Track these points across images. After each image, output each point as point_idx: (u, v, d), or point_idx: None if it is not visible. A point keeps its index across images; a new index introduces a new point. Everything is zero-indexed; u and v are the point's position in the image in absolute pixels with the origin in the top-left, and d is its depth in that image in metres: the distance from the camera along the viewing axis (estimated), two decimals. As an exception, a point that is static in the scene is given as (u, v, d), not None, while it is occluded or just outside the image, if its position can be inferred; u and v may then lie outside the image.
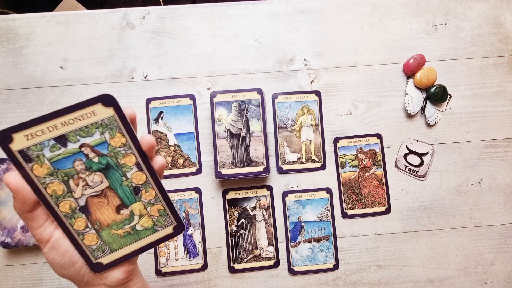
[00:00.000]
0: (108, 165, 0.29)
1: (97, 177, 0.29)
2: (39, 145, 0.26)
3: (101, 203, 0.29)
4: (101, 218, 0.29)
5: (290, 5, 0.56)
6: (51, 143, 0.27)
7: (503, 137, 0.56)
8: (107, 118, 0.27)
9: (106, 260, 0.30)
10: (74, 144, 0.27)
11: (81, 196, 0.28)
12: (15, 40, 0.53)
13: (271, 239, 0.53)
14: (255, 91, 0.51)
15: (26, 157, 0.26)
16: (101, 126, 0.28)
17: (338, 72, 0.56)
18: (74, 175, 0.28)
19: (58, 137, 0.27)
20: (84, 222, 0.29)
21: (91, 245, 0.29)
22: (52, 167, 0.27)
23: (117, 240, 0.30)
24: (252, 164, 0.51)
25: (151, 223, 0.31)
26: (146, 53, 0.54)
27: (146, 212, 0.30)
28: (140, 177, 0.30)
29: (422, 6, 0.56)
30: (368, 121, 0.55)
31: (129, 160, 0.29)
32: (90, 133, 0.27)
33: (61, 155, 0.27)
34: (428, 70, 0.54)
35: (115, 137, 0.28)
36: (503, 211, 0.55)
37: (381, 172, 0.55)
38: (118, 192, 0.29)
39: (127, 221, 0.30)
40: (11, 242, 0.47)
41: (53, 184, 0.27)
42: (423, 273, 0.54)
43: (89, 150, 0.28)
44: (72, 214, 0.28)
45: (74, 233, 0.29)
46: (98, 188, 0.29)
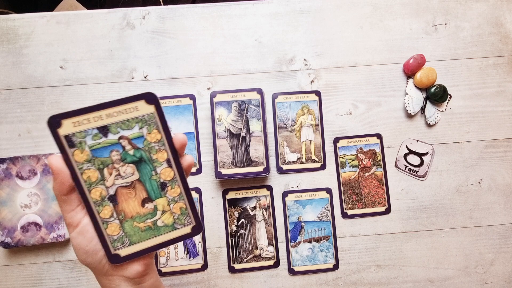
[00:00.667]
0: (141, 159, 0.30)
1: (129, 169, 0.30)
2: (83, 132, 0.28)
3: (129, 194, 0.30)
4: (127, 209, 0.30)
5: (290, 5, 0.56)
6: (94, 132, 0.28)
7: (503, 137, 0.56)
8: (148, 115, 0.29)
9: (124, 253, 0.30)
10: (114, 135, 0.29)
11: (112, 186, 0.30)
12: (15, 40, 0.53)
13: (271, 239, 0.53)
14: (255, 91, 0.51)
15: (70, 142, 0.28)
16: (140, 121, 0.29)
17: (338, 72, 0.56)
18: (109, 165, 0.29)
19: (101, 127, 0.28)
20: (110, 211, 0.30)
21: (113, 235, 0.30)
22: (91, 155, 0.28)
23: (138, 233, 0.31)
24: (252, 164, 0.51)
25: (171, 220, 0.32)
26: (146, 53, 0.54)
27: (169, 208, 0.31)
28: (169, 174, 0.31)
29: (422, 6, 0.56)
30: (368, 121, 0.55)
31: (161, 156, 0.30)
32: (130, 127, 0.29)
33: (101, 144, 0.29)
34: (428, 70, 0.54)
35: (151, 133, 0.30)
36: (503, 211, 0.55)
37: (381, 172, 0.55)
38: (146, 186, 0.30)
39: (149, 215, 0.31)
40: (11, 242, 0.47)
41: (89, 170, 0.29)
42: (423, 273, 0.54)
43: (127, 142, 0.29)
44: (101, 201, 0.29)
45: (100, 221, 0.29)
46: (128, 180, 0.30)
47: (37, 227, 0.48)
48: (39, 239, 0.48)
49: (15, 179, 0.48)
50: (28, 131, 0.52)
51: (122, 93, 0.54)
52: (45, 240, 0.48)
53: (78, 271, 0.51)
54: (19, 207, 0.48)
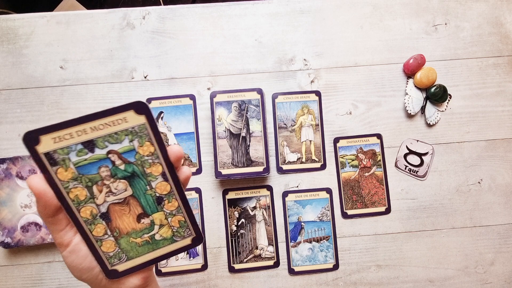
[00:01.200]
0: (134, 173, 0.28)
1: (121, 185, 0.28)
2: (66, 148, 0.26)
3: (122, 211, 0.29)
4: (121, 225, 0.29)
5: (290, 5, 0.56)
6: (78, 148, 0.26)
7: (503, 137, 0.56)
8: (138, 126, 0.27)
9: (121, 268, 0.29)
10: (101, 150, 0.27)
11: (103, 203, 0.28)
12: (15, 40, 0.53)
13: (271, 239, 0.53)
14: (255, 91, 0.51)
15: (51, 160, 0.26)
16: (130, 134, 0.27)
17: (338, 72, 0.56)
18: (99, 181, 0.27)
19: (86, 142, 0.26)
20: (103, 229, 0.28)
21: (109, 252, 0.29)
22: (77, 172, 0.26)
23: (135, 249, 0.30)
24: (252, 164, 0.51)
25: (170, 234, 0.30)
26: (146, 53, 0.54)
27: (167, 222, 0.30)
28: (165, 187, 0.29)
29: (422, 6, 0.56)
30: (368, 121, 0.55)
31: (155, 170, 0.28)
32: (119, 140, 0.27)
33: (87, 160, 0.27)
34: (428, 70, 0.54)
35: (143, 146, 0.28)
36: (503, 211, 0.55)
37: (381, 172, 0.55)
38: (141, 201, 0.29)
39: (146, 230, 0.30)
40: (11, 242, 0.47)
41: (76, 189, 0.27)
42: (423, 273, 0.54)
43: (116, 157, 0.27)
44: (92, 220, 0.28)
45: (92, 239, 0.28)
46: (121, 196, 0.28)
47: (37, 227, 0.48)
48: (39, 239, 0.48)
49: (15, 179, 0.48)
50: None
51: (122, 93, 0.54)
52: (45, 240, 0.48)
53: (78, 271, 0.51)
54: (19, 207, 0.48)
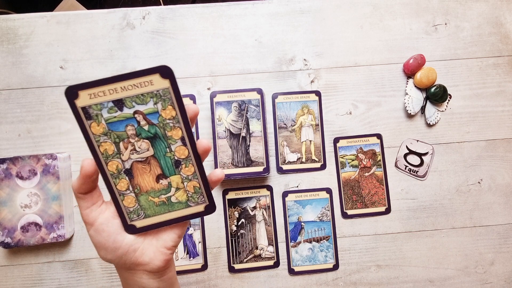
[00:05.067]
0: (156, 135, 0.30)
1: (144, 144, 0.30)
2: (99, 105, 0.28)
3: (144, 169, 0.30)
4: (142, 183, 0.30)
5: (290, 5, 0.56)
6: (109, 105, 0.28)
7: (503, 137, 0.56)
8: (162, 89, 0.28)
9: (139, 224, 0.31)
10: (129, 110, 0.29)
11: (128, 160, 0.30)
12: (15, 40, 0.53)
13: (271, 239, 0.53)
14: (255, 91, 0.51)
15: (87, 114, 0.28)
16: (155, 96, 0.29)
17: (338, 72, 0.56)
18: (125, 139, 0.29)
19: (116, 100, 0.28)
20: (126, 184, 0.30)
21: (129, 207, 0.31)
22: (107, 128, 0.28)
23: (152, 207, 0.31)
24: (252, 164, 0.51)
25: (185, 198, 0.32)
26: (146, 53, 0.54)
27: (183, 186, 0.31)
28: (183, 152, 0.30)
29: (422, 6, 0.56)
30: (368, 121, 0.55)
31: (175, 134, 0.30)
32: (144, 101, 0.29)
33: (116, 117, 0.28)
34: (428, 70, 0.54)
35: (166, 109, 0.29)
36: (503, 211, 0.55)
37: (381, 172, 0.55)
38: (160, 162, 0.30)
39: (164, 191, 0.31)
40: (11, 242, 0.47)
41: (106, 143, 0.29)
42: (423, 273, 0.54)
43: (142, 117, 0.29)
44: (117, 174, 0.30)
45: (116, 193, 0.30)
46: (143, 155, 0.30)
47: (37, 227, 0.48)
48: (39, 239, 0.48)
49: (15, 179, 0.48)
50: (28, 131, 0.52)
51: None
52: (45, 240, 0.48)
53: (78, 271, 0.51)
54: (19, 207, 0.48)
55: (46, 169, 0.48)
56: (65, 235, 0.48)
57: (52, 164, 0.48)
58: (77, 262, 0.51)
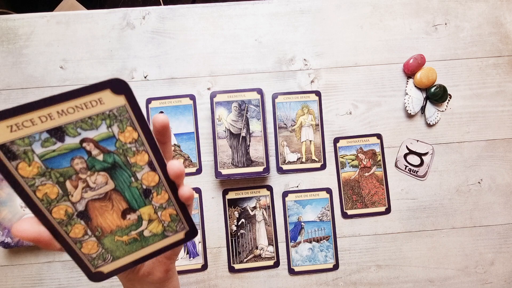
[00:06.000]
0: (115, 164, 0.24)
1: (100, 178, 0.24)
2: (27, 138, 0.21)
3: (104, 208, 0.25)
4: (104, 224, 0.25)
5: (290, 5, 0.56)
6: (43, 137, 0.21)
7: (503, 137, 0.56)
8: (117, 108, 0.23)
9: (107, 269, 0.26)
10: (73, 139, 0.22)
11: (80, 200, 0.24)
12: (15, 40, 0.53)
13: (271, 239, 0.53)
14: (255, 91, 0.51)
15: (9, 153, 0.21)
16: (108, 118, 0.23)
17: (338, 72, 0.56)
18: (72, 176, 0.23)
19: (53, 129, 0.22)
20: (82, 229, 0.25)
21: (91, 254, 0.25)
22: (44, 166, 0.22)
23: (122, 247, 0.26)
24: (252, 164, 0.51)
25: (161, 229, 0.27)
26: (146, 53, 0.54)
27: (156, 217, 0.27)
28: (152, 178, 0.25)
29: (422, 6, 0.56)
30: (368, 121, 0.55)
31: (140, 159, 0.25)
32: (94, 126, 0.23)
33: (56, 151, 0.22)
34: (428, 70, 0.54)
35: (125, 131, 0.24)
36: (503, 211, 0.55)
37: (381, 172, 0.55)
38: (125, 195, 0.25)
39: (133, 227, 0.26)
40: (11, 242, 0.47)
41: (45, 186, 0.23)
42: (423, 273, 0.54)
43: (93, 146, 0.23)
44: (68, 220, 0.24)
45: (70, 242, 0.24)
46: (101, 191, 0.24)
47: (37, 227, 0.48)
48: (39, 239, 0.48)
49: (15, 179, 0.48)
50: (28, 131, 0.52)
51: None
52: (45, 240, 0.48)
53: (78, 271, 0.51)
54: (19, 207, 0.48)
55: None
56: (65, 235, 0.48)
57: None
58: (77, 262, 0.51)
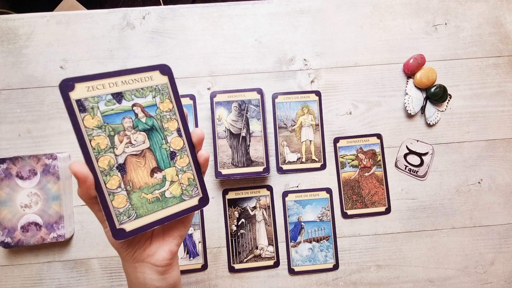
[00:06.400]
0: (153, 127, 0.30)
1: (140, 137, 0.30)
2: (97, 97, 0.28)
3: (138, 163, 0.30)
4: (135, 179, 0.30)
5: (290, 5, 0.56)
6: (108, 98, 0.28)
7: (503, 137, 0.56)
8: (161, 85, 0.30)
9: (129, 227, 0.29)
10: (128, 102, 0.29)
11: (122, 154, 0.29)
12: (15, 40, 0.53)
13: (271, 239, 0.53)
14: (255, 91, 0.51)
15: (81, 107, 0.27)
16: (154, 90, 0.30)
17: (338, 72, 0.56)
18: (121, 132, 0.29)
19: (116, 93, 0.29)
20: (118, 181, 0.29)
21: (119, 208, 0.29)
22: (103, 120, 0.28)
23: (145, 205, 0.30)
24: (252, 164, 0.51)
25: (179, 191, 0.32)
26: (146, 53, 0.54)
27: (177, 179, 0.31)
28: (178, 143, 0.31)
29: (422, 6, 0.56)
30: (368, 121, 0.55)
31: (171, 125, 0.31)
32: (144, 95, 0.30)
33: (114, 110, 0.29)
34: (428, 70, 0.54)
35: (164, 102, 0.31)
36: (503, 211, 0.55)
37: (381, 172, 0.55)
38: (156, 155, 0.31)
39: (158, 186, 0.31)
40: (11, 242, 0.47)
41: (99, 137, 0.28)
42: (423, 273, 0.54)
43: (140, 110, 0.30)
44: (108, 171, 0.29)
45: (106, 192, 0.29)
46: (139, 148, 0.30)
47: (37, 227, 0.48)
48: (39, 239, 0.48)
49: (15, 179, 0.48)
50: (28, 131, 0.52)
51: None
52: (45, 240, 0.48)
53: (78, 271, 0.51)
54: (19, 207, 0.48)
55: (46, 169, 0.48)
56: (65, 235, 0.48)
57: (52, 164, 0.48)
58: (77, 262, 0.51)
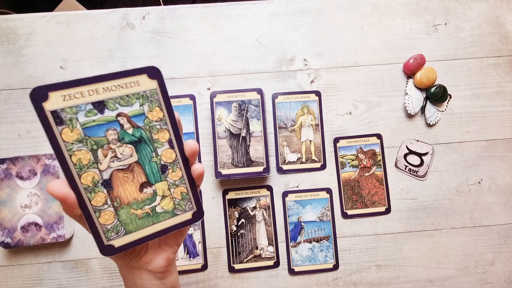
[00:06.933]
0: (141, 139, 0.28)
1: (127, 150, 0.27)
2: (75, 107, 0.25)
3: (126, 178, 0.28)
4: (123, 194, 0.28)
5: (290, 5, 0.56)
6: (88, 108, 0.25)
7: (503, 137, 0.56)
8: (149, 90, 0.27)
9: (118, 243, 0.28)
10: (111, 112, 0.26)
11: (107, 169, 0.27)
12: (15, 40, 0.53)
13: (271, 239, 0.53)
14: (255, 91, 0.51)
15: (58, 119, 0.25)
16: (142, 98, 0.27)
17: (338, 72, 0.56)
18: (105, 145, 0.26)
19: (97, 102, 0.25)
20: (103, 198, 0.27)
21: (106, 224, 0.27)
22: (83, 133, 0.26)
23: (134, 221, 0.28)
24: (252, 164, 0.51)
25: (171, 206, 0.29)
26: (146, 53, 0.54)
27: (169, 193, 0.29)
28: (170, 155, 0.29)
29: (422, 6, 0.56)
30: (368, 121, 0.55)
31: (162, 136, 0.28)
32: (129, 103, 0.27)
33: (95, 121, 0.26)
34: (428, 70, 0.54)
35: (153, 111, 0.27)
36: (503, 211, 0.55)
37: (381, 172, 0.55)
38: (145, 169, 0.28)
39: (148, 201, 0.29)
40: (11, 242, 0.47)
41: (80, 152, 0.26)
42: (423, 273, 0.54)
43: (126, 120, 0.27)
44: (93, 187, 0.26)
45: (91, 210, 0.27)
46: (126, 162, 0.27)
47: (37, 227, 0.48)
48: (39, 239, 0.48)
49: (15, 179, 0.48)
50: (28, 131, 0.52)
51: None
52: (45, 240, 0.48)
53: (78, 271, 0.51)
54: (19, 207, 0.48)
55: (46, 169, 0.48)
56: (65, 235, 0.48)
57: (52, 164, 0.48)
58: (77, 262, 0.51)
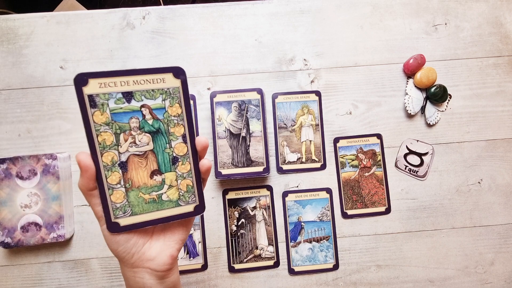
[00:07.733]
0: (159, 130, 0.31)
1: (145, 138, 0.30)
2: (107, 94, 0.29)
3: (139, 164, 0.31)
4: (135, 178, 0.31)
5: (290, 5, 0.56)
6: (118, 96, 0.29)
7: (503, 137, 0.56)
8: (173, 88, 0.30)
9: (124, 222, 0.30)
10: (137, 103, 0.30)
11: (125, 152, 0.30)
12: (15, 40, 0.53)
13: (271, 239, 0.53)
14: (255, 91, 0.51)
15: (92, 103, 0.28)
16: (165, 93, 0.30)
17: (338, 72, 0.56)
18: (126, 131, 0.30)
19: (126, 92, 0.29)
20: (118, 177, 0.30)
21: (116, 202, 0.30)
22: (111, 118, 0.29)
23: (141, 204, 0.31)
24: (252, 164, 0.51)
25: (176, 196, 0.32)
26: (146, 53, 0.54)
27: (176, 184, 0.32)
28: (182, 149, 0.31)
29: (422, 6, 0.56)
30: (368, 121, 0.55)
31: (178, 130, 0.31)
32: (154, 97, 0.30)
33: (122, 109, 0.29)
34: (428, 70, 0.54)
35: (173, 106, 0.31)
36: (503, 211, 0.55)
37: (381, 172, 0.55)
38: (158, 157, 0.31)
39: (156, 188, 0.31)
40: (11, 242, 0.47)
41: (106, 133, 0.29)
42: (423, 273, 0.54)
43: (148, 111, 0.30)
44: (110, 166, 0.30)
45: (106, 186, 0.30)
46: (142, 149, 0.31)
47: (37, 227, 0.48)
48: (39, 239, 0.48)
49: (15, 179, 0.48)
50: (28, 131, 0.52)
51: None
52: (45, 240, 0.48)
53: (78, 271, 0.51)
54: (19, 207, 0.48)
55: (46, 169, 0.48)
56: (65, 235, 0.48)
57: (52, 164, 0.48)
58: (77, 262, 0.51)
